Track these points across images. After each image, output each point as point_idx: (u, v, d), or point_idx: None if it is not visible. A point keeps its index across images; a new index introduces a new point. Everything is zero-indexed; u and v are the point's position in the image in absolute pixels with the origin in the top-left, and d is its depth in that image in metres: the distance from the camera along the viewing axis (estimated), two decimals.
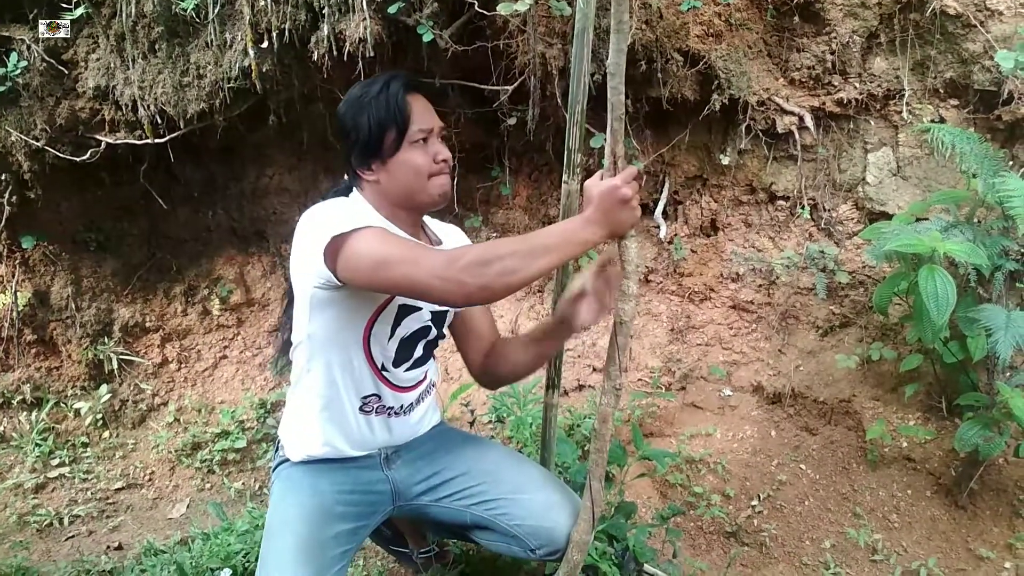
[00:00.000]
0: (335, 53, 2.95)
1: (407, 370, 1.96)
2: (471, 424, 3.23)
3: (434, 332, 2.00)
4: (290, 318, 1.92)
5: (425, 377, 2.06)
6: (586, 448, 2.93)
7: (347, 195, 1.88)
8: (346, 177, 1.92)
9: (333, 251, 1.62)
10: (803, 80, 3.45)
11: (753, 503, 3.20)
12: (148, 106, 3.08)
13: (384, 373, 1.92)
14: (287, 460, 2.02)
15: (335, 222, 1.64)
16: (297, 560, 1.77)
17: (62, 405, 3.63)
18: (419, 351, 1.98)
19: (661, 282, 3.94)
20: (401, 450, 2.06)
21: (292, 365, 1.99)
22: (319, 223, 1.68)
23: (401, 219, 1.84)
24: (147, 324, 3.76)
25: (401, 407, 1.99)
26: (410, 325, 1.91)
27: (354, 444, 1.97)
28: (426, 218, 2.01)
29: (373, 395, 1.93)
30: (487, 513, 2.00)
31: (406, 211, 1.86)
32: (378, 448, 2.01)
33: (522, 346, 2.03)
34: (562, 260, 1.60)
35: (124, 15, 2.94)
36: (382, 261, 1.58)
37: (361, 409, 1.93)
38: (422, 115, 1.80)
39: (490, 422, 3.44)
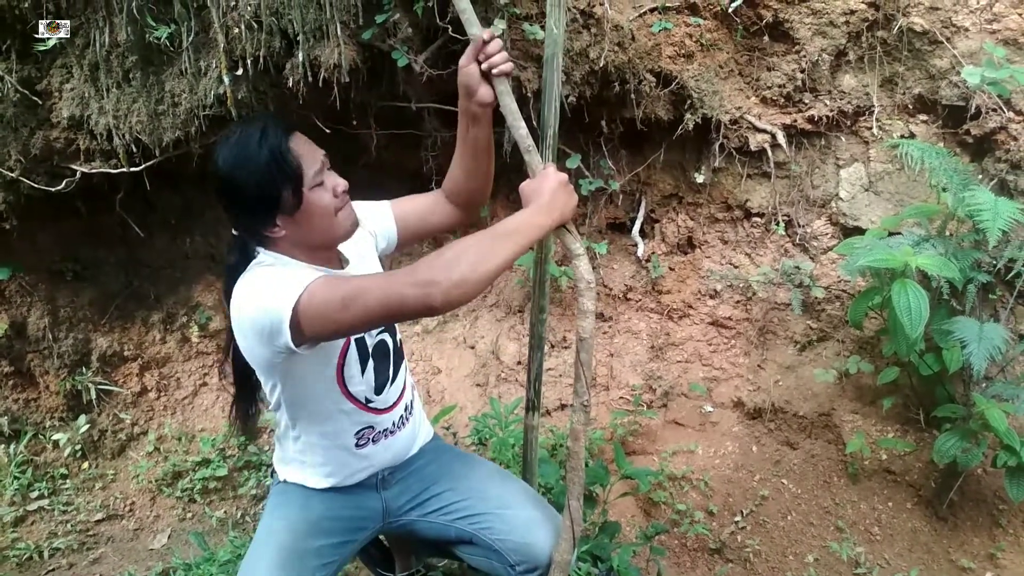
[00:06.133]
0: (310, 79, 2.95)
1: (388, 390, 1.99)
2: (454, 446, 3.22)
3: (391, 342, 2.02)
4: (240, 379, 1.94)
5: (404, 388, 2.08)
6: None
7: (248, 260, 1.78)
8: (240, 240, 1.81)
9: (295, 322, 1.57)
10: (774, 98, 3.49)
11: (736, 519, 3.21)
12: (123, 135, 3.07)
13: (370, 404, 1.95)
14: (284, 480, 2.05)
15: (278, 296, 1.58)
16: (273, 565, 1.82)
17: (40, 437, 3.59)
18: (391, 368, 2.01)
19: (640, 300, 3.96)
20: (396, 471, 2.10)
21: (275, 417, 2.00)
22: (261, 304, 1.61)
23: (320, 258, 1.81)
24: (125, 353, 3.74)
25: (393, 424, 2.03)
26: (372, 349, 1.93)
27: (356, 475, 2.01)
28: None
29: (366, 428, 1.96)
30: (471, 527, 2.03)
31: (323, 250, 1.82)
32: (377, 470, 2.05)
33: (458, 160, 1.98)
34: (525, 246, 1.65)
35: (98, 45, 2.93)
36: (348, 299, 1.55)
37: (357, 445, 1.97)
38: (309, 157, 1.70)
39: (472, 444, 3.43)
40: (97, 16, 2.90)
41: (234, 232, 1.81)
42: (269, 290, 1.61)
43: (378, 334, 1.96)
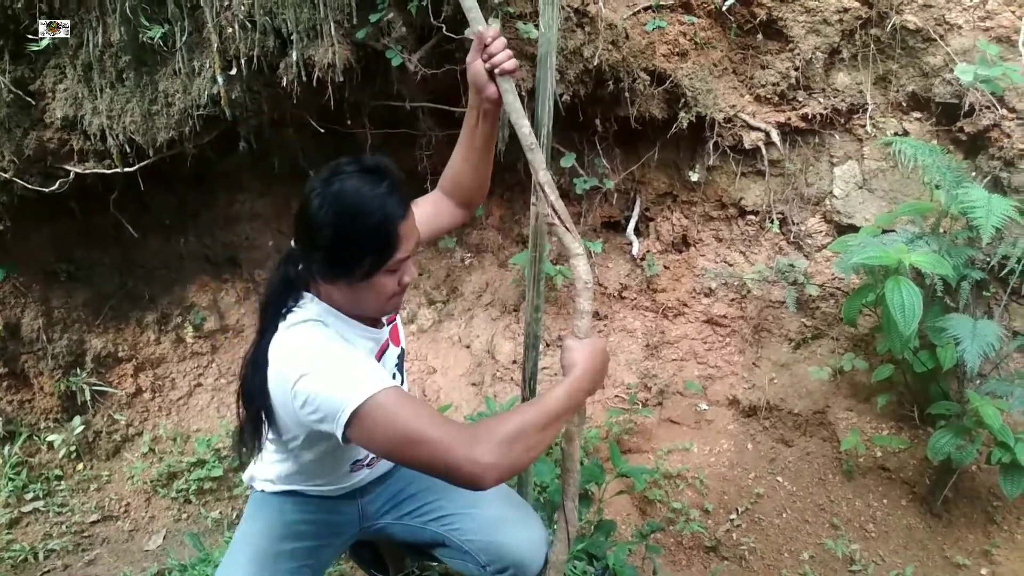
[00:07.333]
0: (304, 78, 2.95)
1: None
2: None
3: (400, 377, 2.03)
4: (256, 404, 1.72)
5: None
6: None
7: (299, 293, 1.73)
8: (288, 269, 1.74)
9: (347, 426, 1.52)
10: (768, 96, 3.50)
11: (731, 517, 3.22)
12: (117, 135, 3.07)
13: None
14: (263, 491, 2.05)
15: (333, 387, 1.53)
16: (247, 568, 1.84)
17: (35, 438, 3.58)
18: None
19: (635, 298, 3.96)
20: (375, 479, 2.09)
21: (271, 445, 1.93)
22: (314, 388, 1.54)
23: (359, 318, 1.79)
24: (120, 354, 3.73)
25: None
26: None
27: (340, 490, 2.02)
28: None
29: (360, 458, 1.96)
30: (442, 529, 2.02)
31: (357, 318, 1.78)
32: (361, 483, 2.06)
33: (464, 154, 1.94)
34: (566, 422, 1.68)
35: (91, 45, 2.93)
36: (405, 441, 1.49)
37: (352, 470, 1.97)
38: (406, 241, 1.64)
39: None
40: (90, 16, 2.89)
41: (287, 260, 1.74)
42: (331, 374, 1.55)
43: (393, 366, 1.96)
